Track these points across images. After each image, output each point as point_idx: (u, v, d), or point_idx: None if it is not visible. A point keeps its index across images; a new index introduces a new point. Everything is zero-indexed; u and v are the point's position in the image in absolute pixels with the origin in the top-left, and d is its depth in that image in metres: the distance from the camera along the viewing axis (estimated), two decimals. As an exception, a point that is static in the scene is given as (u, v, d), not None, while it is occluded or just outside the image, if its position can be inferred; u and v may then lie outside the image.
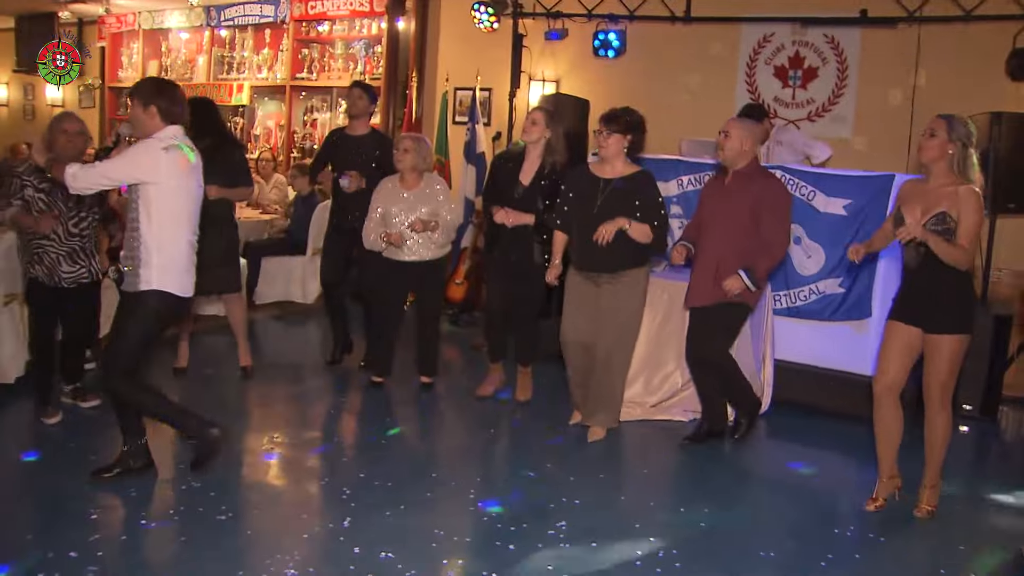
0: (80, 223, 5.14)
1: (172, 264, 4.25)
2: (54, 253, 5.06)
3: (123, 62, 12.60)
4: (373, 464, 4.97)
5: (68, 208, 5.08)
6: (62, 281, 5.10)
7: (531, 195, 5.58)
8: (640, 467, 5.20)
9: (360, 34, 10.08)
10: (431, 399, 6.12)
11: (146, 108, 4.20)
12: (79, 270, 5.16)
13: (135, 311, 4.26)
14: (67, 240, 5.09)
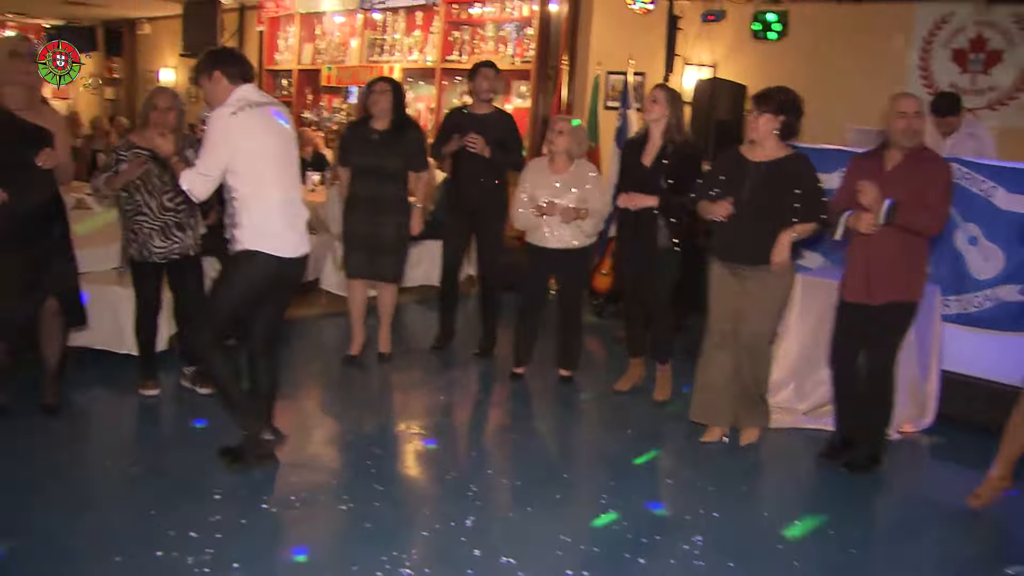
0: (175, 197, 5.08)
1: (264, 224, 4.12)
2: (147, 228, 5.06)
3: (279, 46, 12.82)
4: (503, 461, 4.79)
5: (163, 183, 5.07)
6: (152, 256, 5.08)
7: (653, 177, 5.31)
8: (787, 481, 4.83)
9: (511, 16, 9.88)
10: (569, 393, 5.88)
11: (210, 76, 4.12)
12: (172, 245, 5.11)
13: (230, 272, 4.24)
14: (161, 214, 5.07)
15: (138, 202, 5.05)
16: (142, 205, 5.05)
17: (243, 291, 4.19)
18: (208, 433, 4.84)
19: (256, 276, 4.17)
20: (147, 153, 4.97)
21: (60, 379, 5.09)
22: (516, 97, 10.01)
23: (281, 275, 4.22)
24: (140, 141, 5.03)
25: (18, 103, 4.59)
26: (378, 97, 5.82)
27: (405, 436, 5.06)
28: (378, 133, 5.84)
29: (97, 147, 11.19)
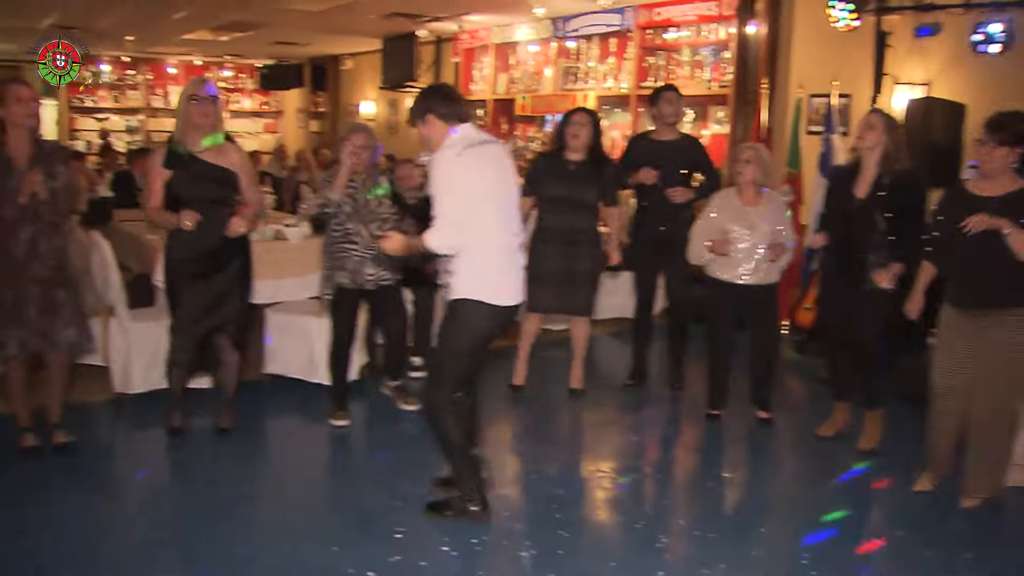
0: (383, 226, 5.16)
1: (483, 272, 3.91)
2: (358, 256, 5.19)
3: (475, 76, 12.97)
4: (695, 509, 4.51)
5: (370, 212, 5.23)
6: (366, 284, 5.23)
7: (867, 210, 4.87)
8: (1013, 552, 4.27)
9: (707, 39, 9.58)
10: (766, 437, 5.51)
11: (424, 119, 3.93)
12: (381, 271, 5.25)
13: (447, 323, 4.05)
14: (372, 243, 5.15)
15: (348, 230, 5.19)
16: (352, 233, 5.19)
17: (466, 343, 3.99)
18: (394, 467, 4.82)
19: (476, 326, 3.95)
20: (353, 186, 5.19)
21: (236, 404, 5.25)
22: (713, 123, 9.69)
23: (498, 325, 4.04)
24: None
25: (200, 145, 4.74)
26: (578, 129, 5.67)
27: (592, 478, 4.86)
28: (574, 164, 5.70)
29: (302, 179, 11.58)
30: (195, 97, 4.67)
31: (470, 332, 3.94)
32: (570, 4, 10.25)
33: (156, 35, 14.33)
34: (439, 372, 4.05)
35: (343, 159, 5.10)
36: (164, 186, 4.70)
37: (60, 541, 3.87)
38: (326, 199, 5.18)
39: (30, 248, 4.50)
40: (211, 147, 4.75)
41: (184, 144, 4.72)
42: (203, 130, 4.70)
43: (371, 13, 11.43)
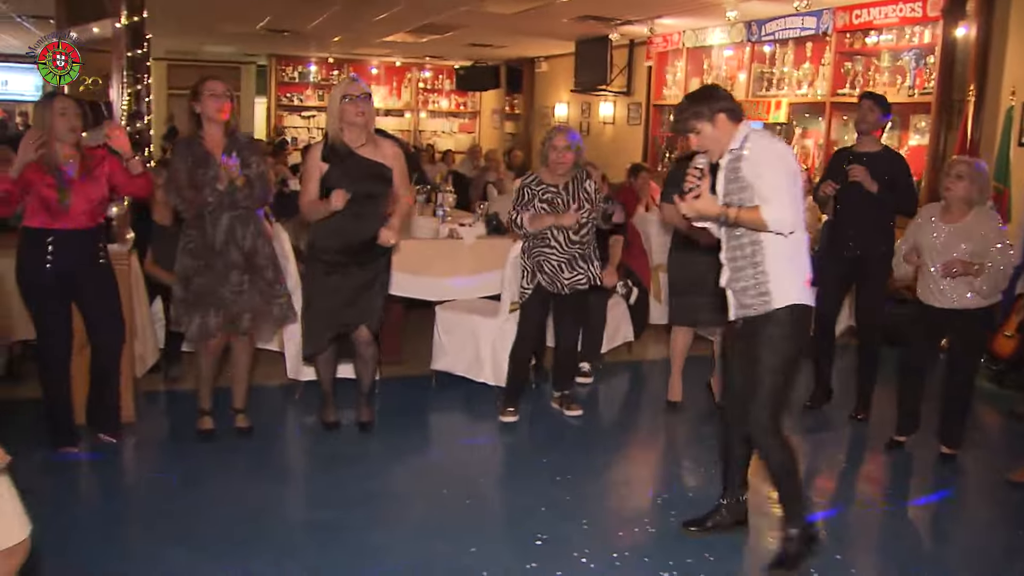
0: (580, 230, 5.32)
1: (798, 271, 3.64)
2: (555, 260, 5.31)
3: (667, 80, 12.74)
4: (857, 549, 4.20)
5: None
6: (564, 288, 5.32)
7: None
8: None
9: (911, 43, 8.99)
10: (947, 474, 5.09)
11: (714, 120, 3.60)
12: (577, 275, 5.35)
13: (776, 337, 3.63)
14: (568, 247, 5.32)
15: (545, 234, 5.30)
16: (550, 239, 5.30)
17: (795, 355, 3.71)
18: (549, 472, 4.78)
19: (801, 334, 3.70)
20: (553, 189, 5.30)
21: (372, 398, 5.41)
22: (914, 133, 9.11)
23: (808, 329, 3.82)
24: (546, 178, 5.35)
25: (358, 140, 4.86)
26: None
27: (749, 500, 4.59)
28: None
29: (489, 179, 11.68)
30: (349, 96, 4.78)
31: (795, 342, 3.67)
32: (765, 7, 9.88)
33: (359, 37, 14.81)
34: (772, 394, 3.67)
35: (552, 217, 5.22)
36: (320, 180, 4.83)
37: (236, 520, 4.06)
38: (518, 226, 5.35)
39: (228, 234, 4.76)
40: (366, 143, 4.88)
41: (340, 140, 4.84)
42: (357, 127, 4.82)
43: (564, 16, 11.41)
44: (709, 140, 3.63)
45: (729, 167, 3.63)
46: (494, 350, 5.89)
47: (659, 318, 7.60)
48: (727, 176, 3.64)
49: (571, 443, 5.28)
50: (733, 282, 3.73)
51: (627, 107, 14.03)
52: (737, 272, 3.70)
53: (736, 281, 3.71)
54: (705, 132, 3.63)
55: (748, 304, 3.67)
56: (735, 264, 3.71)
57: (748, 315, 3.69)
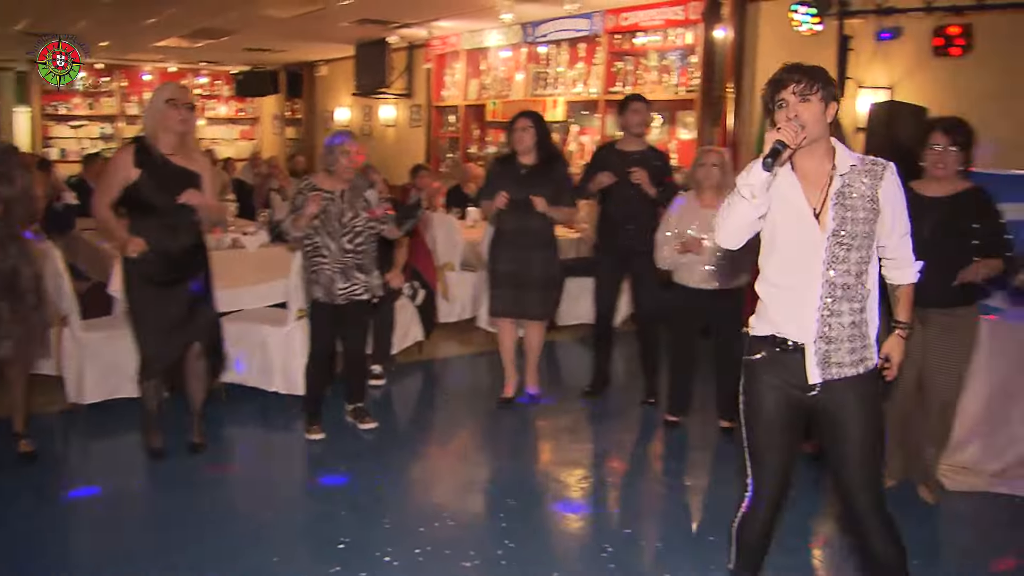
0: (355, 238, 5.14)
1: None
2: (328, 270, 5.11)
3: (446, 82, 12.95)
4: (644, 520, 4.48)
5: (341, 225, 5.11)
6: (337, 298, 5.13)
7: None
8: (976, 560, 4.18)
9: (675, 44, 9.57)
10: (728, 445, 5.43)
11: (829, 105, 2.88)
12: (352, 286, 5.16)
13: (876, 398, 2.99)
14: (341, 256, 5.12)
15: (317, 244, 5.12)
16: (321, 247, 5.11)
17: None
18: (347, 475, 4.79)
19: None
20: (329, 195, 5.09)
21: (204, 419, 5.17)
22: (681, 128, 9.68)
23: None
24: (324, 184, 5.14)
25: (171, 148, 4.69)
26: (522, 135, 5.69)
27: (544, 488, 4.82)
28: (526, 168, 5.71)
29: (272, 186, 11.51)
30: (174, 100, 4.62)
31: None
32: (539, 9, 10.22)
33: (130, 41, 14.22)
34: (880, 466, 3.04)
35: (308, 208, 5.00)
36: (129, 187, 4.60)
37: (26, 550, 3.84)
38: (283, 231, 5.18)
39: None
40: (178, 152, 4.70)
41: (154, 146, 4.65)
42: (174, 135, 4.65)
43: (342, 20, 11.40)
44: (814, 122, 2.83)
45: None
46: (284, 358, 5.83)
47: (447, 316, 7.77)
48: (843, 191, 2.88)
49: (370, 446, 5.28)
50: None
51: (408, 109, 14.15)
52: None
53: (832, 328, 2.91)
54: (815, 112, 2.85)
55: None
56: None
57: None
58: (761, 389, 2.97)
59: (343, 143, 5.11)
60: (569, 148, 10.83)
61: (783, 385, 2.92)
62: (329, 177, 5.15)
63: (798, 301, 2.87)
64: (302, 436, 5.35)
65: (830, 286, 2.83)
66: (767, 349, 2.95)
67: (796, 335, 2.88)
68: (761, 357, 2.96)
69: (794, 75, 2.86)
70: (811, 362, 2.86)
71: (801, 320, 2.87)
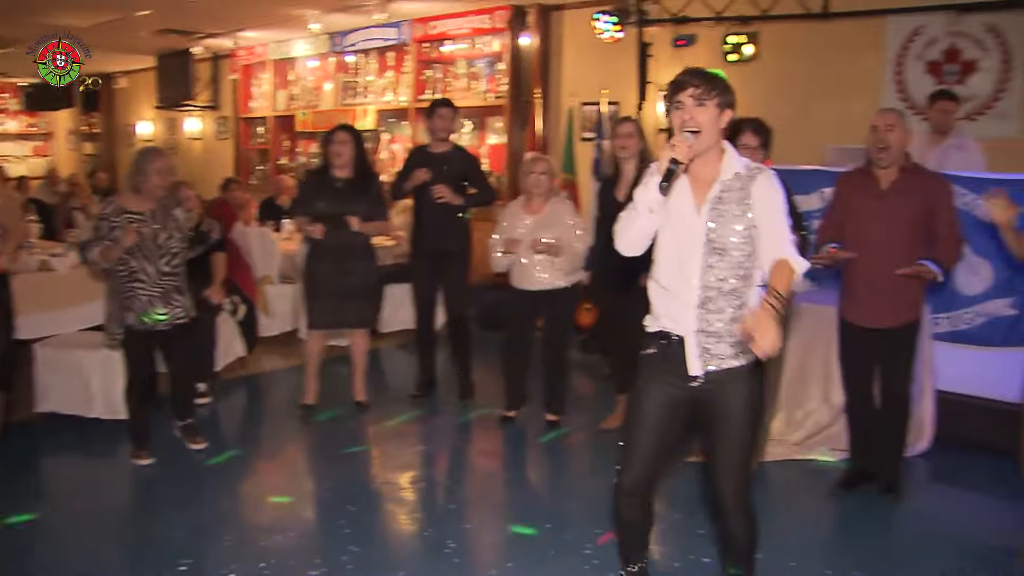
0: (172, 260, 5.00)
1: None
2: (145, 295, 4.92)
3: (253, 93, 12.77)
4: (483, 514, 4.62)
5: (158, 247, 4.94)
6: (156, 325, 4.96)
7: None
8: (781, 517, 4.56)
9: (482, 52, 9.80)
10: (556, 437, 5.68)
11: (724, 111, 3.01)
12: (175, 310, 5.02)
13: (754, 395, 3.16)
14: (159, 280, 4.95)
15: (133, 268, 4.90)
16: (138, 271, 4.90)
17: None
18: (180, 497, 4.71)
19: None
20: (140, 217, 4.88)
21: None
22: (492, 133, 9.91)
23: None
24: (132, 205, 4.92)
25: None
26: (340, 148, 5.72)
27: (381, 491, 4.89)
28: (342, 181, 5.75)
29: (74, 205, 11.07)
30: None
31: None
32: (346, 19, 10.25)
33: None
34: (750, 456, 3.23)
35: (124, 238, 4.77)
36: None
37: None
38: (90, 261, 4.95)
39: None
40: None
41: None
42: None
43: (142, 30, 11.08)
44: (708, 126, 2.96)
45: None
46: (104, 382, 5.63)
47: (268, 330, 7.70)
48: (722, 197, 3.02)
49: (199, 465, 5.18)
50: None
51: (215, 121, 13.87)
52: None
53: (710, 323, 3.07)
54: (711, 116, 2.96)
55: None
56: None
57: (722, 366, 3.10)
58: (647, 382, 3.14)
59: (154, 161, 4.95)
60: (381, 156, 10.89)
61: (667, 378, 3.09)
62: (136, 197, 4.95)
63: (680, 299, 3.03)
64: (129, 462, 5.18)
65: (707, 287, 2.99)
66: (655, 344, 3.11)
67: (678, 330, 3.05)
68: (651, 352, 3.13)
69: (693, 79, 2.97)
70: (692, 355, 3.03)
71: (681, 316, 3.03)
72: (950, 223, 4.41)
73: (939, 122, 6.43)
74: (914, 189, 4.42)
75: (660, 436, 3.14)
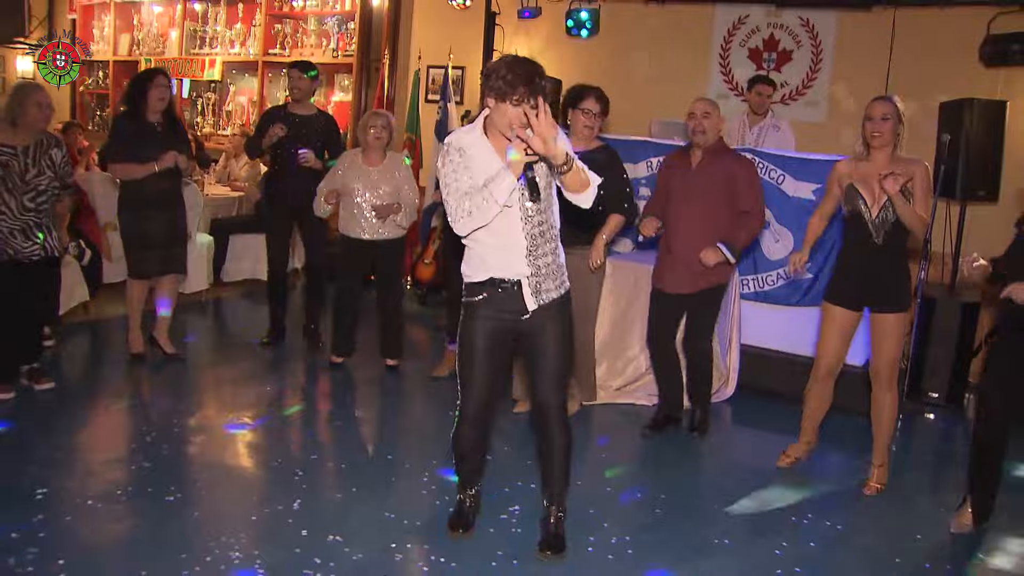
0: (37, 197, 5.06)
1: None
2: (6, 227, 4.97)
3: (94, 35, 12.41)
4: (329, 447, 4.92)
5: (24, 183, 5.00)
6: (18, 254, 5.01)
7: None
8: (600, 452, 5.11)
9: (334, 10, 9.93)
10: (392, 381, 6.05)
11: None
12: (32, 245, 5.07)
13: (569, 320, 3.72)
14: (21, 215, 5.01)
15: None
16: (0, 204, 4.94)
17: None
18: (21, 435, 4.76)
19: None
20: (11, 151, 4.93)
21: None
22: (338, 91, 10.08)
23: None
24: (3, 138, 4.95)
25: None
26: (163, 92, 5.72)
27: (230, 427, 5.11)
28: (158, 125, 5.76)
29: None
30: None
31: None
32: (194, -33, 10.17)
33: None
34: (567, 372, 3.79)
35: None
36: None
37: None
38: None
39: None
40: None
41: None
42: None
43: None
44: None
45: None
46: None
47: (110, 277, 7.67)
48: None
49: (47, 405, 5.23)
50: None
51: (50, 62, 13.43)
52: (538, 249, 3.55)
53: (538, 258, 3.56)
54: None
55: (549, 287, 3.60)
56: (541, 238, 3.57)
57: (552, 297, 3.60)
58: (476, 323, 3.59)
59: (33, 95, 4.97)
60: (228, 108, 10.88)
61: (497, 316, 3.55)
62: (12, 130, 4.98)
63: (511, 252, 3.48)
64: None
65: (531, 236, 3.46)
66: (487, 290, 3.55)
67: (513, 275, 3.50)
68: (481, 298, 3.56)
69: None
70: (527, 293, 3.51)
71: (514, 265, 3.49)
72: (751, 199, 4.97)
73: (757, 104, 7.06)
74: (717, 168, 4.99)
75: (492, 365, 3.62)
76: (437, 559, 3.66)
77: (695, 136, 4.99)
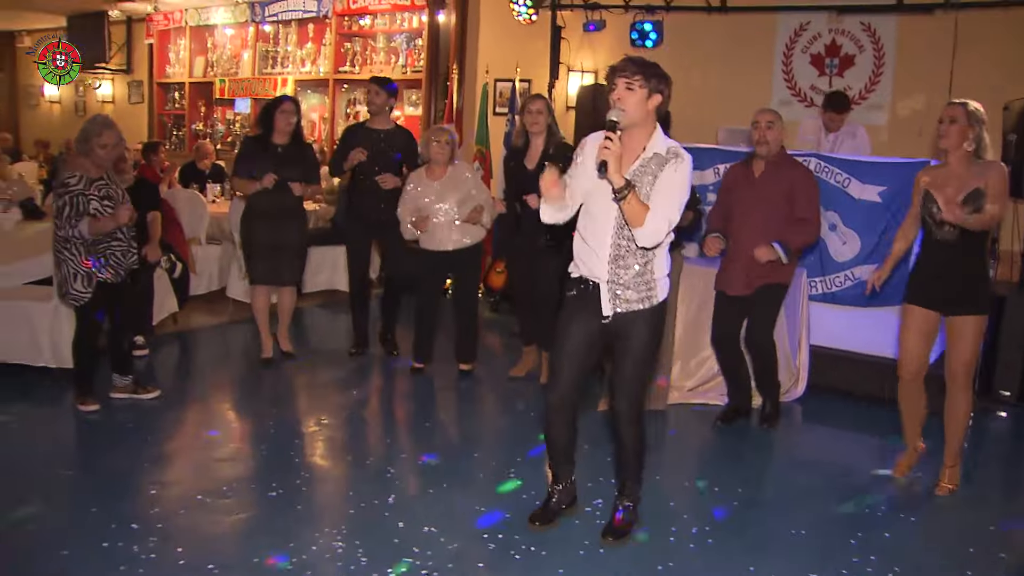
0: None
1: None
2: (120, 251, 5.29)
3: (170, 58, 12.88)
4: (416, 446, 5.16)
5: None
6: (125, 271, 5.34)
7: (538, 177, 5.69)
8: (676, 448, 5.31)
9: (401, 27, 10.23)
10: (469, 384, 6.28)
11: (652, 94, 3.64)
12: (133, 258, 5.42)
13: (657, 332, 3.84)
14: (129, 234, 5.36)
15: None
16: (116, 231, 5.23)
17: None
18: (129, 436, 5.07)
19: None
20: (103, 184, 5.21)
21: None
22: (408, 106, 10.36)
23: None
24: (88, 171, 5.19)
25: None
26: (288, 116, 6.16)
27: (324, 428, 5.36)
28: (281, 147, 6.18)
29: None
30: None
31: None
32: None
33: None
34: (643, 390, 4.02)
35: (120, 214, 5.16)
36: None
37: None
38: (80, 234, 5.12)
39: None
40: None
41: None
42: None
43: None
44: (634, 107, 3.57)
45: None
46: (52, 332, 5.82)
47: (195, 289, 7.99)
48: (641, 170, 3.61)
49: (146, 413, 5.47)
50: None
51: (127, 85, 13.93)
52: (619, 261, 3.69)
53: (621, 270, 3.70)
54: (638, 98, 3.58)
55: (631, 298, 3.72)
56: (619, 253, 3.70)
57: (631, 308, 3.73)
58: (569, 315, 3.82)
59: (103, 135, 5.21)
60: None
61: (585, 313, 3.75)
62: (94, 166, 5.22)
63: (597, 256, 3.68)
64: (74, 407, 5.43)
65: (617, 245, 3.64)
66: (576, 287, 3.78)
67: (594, 278, 3.71)
68: (572, 293, 3.80)
69: (629, 66, 3.60)
70: (604, 298, 3.70)
71: (596, 269, 3.69)
72: (809, 208, 5.18)
73: (828, 124, 7.10)
74: (777, 178, 5.20)
75: (575, 358, 3.81)
76: (528, 547, 3.86)
77: (759, 147, 5.18)
